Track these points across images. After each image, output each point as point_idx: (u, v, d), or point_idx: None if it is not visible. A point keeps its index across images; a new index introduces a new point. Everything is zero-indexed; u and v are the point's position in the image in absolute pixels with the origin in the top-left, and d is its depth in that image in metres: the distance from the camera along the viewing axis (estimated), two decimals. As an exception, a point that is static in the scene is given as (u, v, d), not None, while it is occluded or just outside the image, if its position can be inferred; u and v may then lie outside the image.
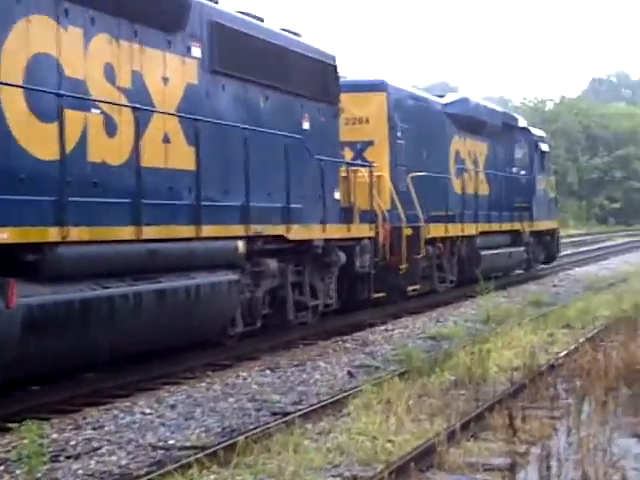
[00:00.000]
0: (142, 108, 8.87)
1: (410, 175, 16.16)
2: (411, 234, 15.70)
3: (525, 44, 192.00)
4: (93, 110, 8.41)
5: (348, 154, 15.10)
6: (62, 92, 7.88)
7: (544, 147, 24.22)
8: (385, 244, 14.88)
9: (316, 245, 12.18)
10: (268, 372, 9.94)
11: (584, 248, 35.25)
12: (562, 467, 5.74)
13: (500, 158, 21.70)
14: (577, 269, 25.42)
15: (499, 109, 22.99)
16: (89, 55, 8.43)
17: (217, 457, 6.14)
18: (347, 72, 16.80)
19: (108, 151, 8.57)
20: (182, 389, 8.96)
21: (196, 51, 9.99)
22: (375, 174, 14.58)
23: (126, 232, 8.53)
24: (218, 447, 6.36)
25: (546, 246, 24.19)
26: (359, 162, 14.78)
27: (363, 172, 14.26)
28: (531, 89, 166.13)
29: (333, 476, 5.95)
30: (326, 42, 16.85)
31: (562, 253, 27.10)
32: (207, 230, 9.73)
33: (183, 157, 9.62)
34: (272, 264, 11.20)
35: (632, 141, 62.01)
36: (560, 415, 7.33)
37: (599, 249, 35.05)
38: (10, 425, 6.81)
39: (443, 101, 18.95)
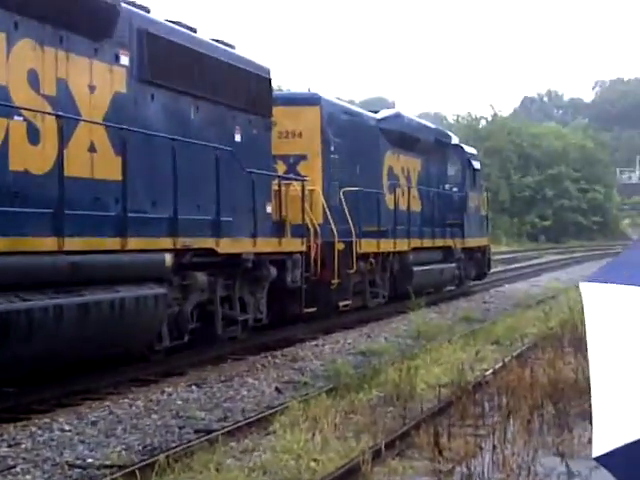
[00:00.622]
0: (67, 116, 8.64)
1: (343, 190, 16.13)
2: (343, 249, 15.65)
3: (461, 61, 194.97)
4: (16, 117, 8.16)
5: (281, 168, 15.01)
6: (-18, 98, 7.63)
7: (476, 165, 24.47)
8: (317, 259, 14.81)
9: (246, 259, 12.04)
10: (194, 388, 9.75)
11: (515, 265, 35.71)
12: (486, 487, 5.70)
13: (433, 175, 21.84)
14: (507, 286, 25.71)
15: (432, 126, 23.17)
16: (12, 60, 8.18)
17: (135, 477, 5.96)
18: (282, 85, 16.73)
19: (31, 160, 8.32)
20: (104, 405, 8.73)
21: (124, 59, 9.80)
22: (308, 188, 14.50)
23: (48, 243, 8.29)
24: (137, 466, 6.18)
25: (477, 263, 24.40)
26: (292, 176, 14.69)
27: (295, 186, 14.18)
28: (465, 106, 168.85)
29: (255, 496, 5.82)
30: (261, 55, 16.75)
31: (493, 270, 27.38)
32: (133, 242, 9.51)
33: (109, 167, 9.40)
34: (201, 278, 11.03)
35: (563, 160, 63.21)
36: (486, 433, 7.30)
37: (529, 266, 35.54)
38: None
39: (377, 116, 19.00)
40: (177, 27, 11.15)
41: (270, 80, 13.49)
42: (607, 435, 1.73)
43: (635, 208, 79.21)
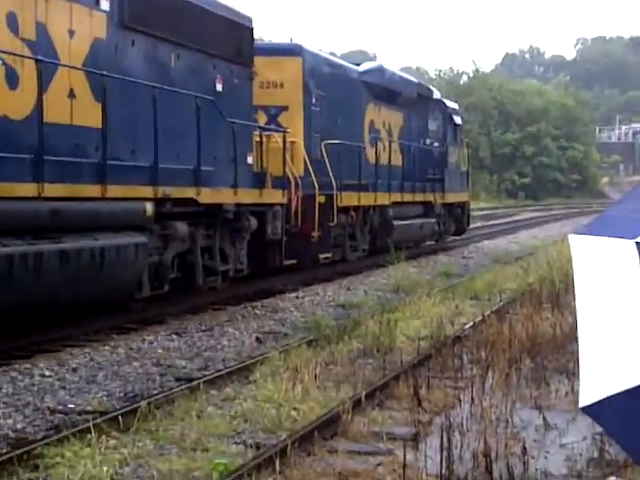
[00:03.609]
0: (46, 61, 8.48)
1: (324, 142, 16.04)
2: (324, 202, 15.61)
3: (443, 15, 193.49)
4: (-6, 61, 8.00)
5: (262, 119, 14.88)
6: (-40, 39, 7.47)
7: (457, 120, 24.40)
8: (297, 211, 14.77)
9: (227, 209, 11.98)
10: (175, 337, 9.76)
11: (494, 222, 35.85)
12: (464, 438, 5.75)
13: (414, 129, 21.76)
14: (486, 242, 25.82)
15: (414, 80, 23.03)
16: (-9, 2, 8.01)
17: (117, 422, 5.97)
18: (264, 36, 16.55)
19: (9, 104, 8.18)
20: (85, 352, 8.72)
21: (105, 4, 9.61)
22: (289, 140, 14.40)
23: (27, 189, 8.19)
24: (119, 412, 6.19)
25: (457, 218, 24.46)
26: (273, 127, 14.57)
27: (277, 137, 14.07)
28: (447, 61, 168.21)
29: (236, 443, 5.85)
30: (242, 4, 16.51)
31: (472, 226, 27.48)
32: (113, 190, 9.43)
33: (89, 114, 9.27)
34: (181, 227, 10.96)
35: (543, 118, 63.21)
36: (464, 386, 7.36)
37: (508, 223, 35.70)
38: None
39: (359, 69, 18.85)
40: (159, -28, 10.93)
41: (252, 29, 13.31)
42: (594, 386, 1.74)
43: (613, 167, 79.64)
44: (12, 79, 8.22)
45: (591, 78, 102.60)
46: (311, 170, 15.33)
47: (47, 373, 7.76)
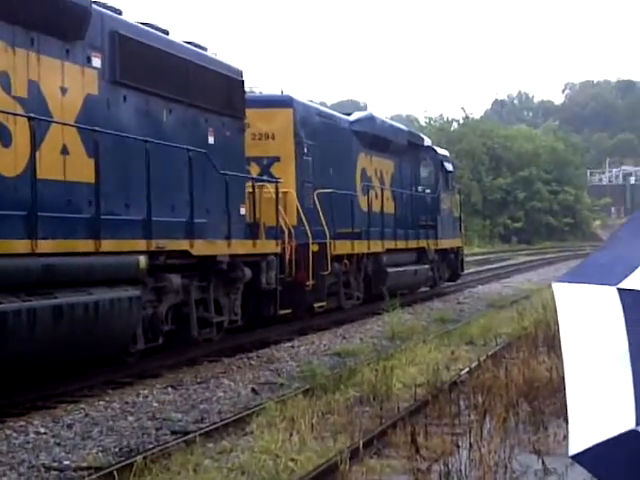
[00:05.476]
0: (39, 118, 8.57)
1: (316, 192, 16.14)
2: (317, 251, 15.65)
3: (432, 63, 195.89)
4: (-13, 119, 8.08)
5: (254, 170, 14.99)
6: (-47, 99, 7.55)
7: (449, 166, 24.56)
8: (291, 260, 14.81)
9: (221, 261, 12.00)
10: (170, 390, 9.71)
11: (488, 266, 35.90)
12: (463, 483, 5.72)
13: (406, 176, 21.91)
14: (480, 287, 25.83)
15: (405, 128, 23.25)
16: (-17, 62, 8.11)
17: (113, 478, 5.93)
18: (254, 87, 16.72)
19: (2, 162, 8.25)
20: (80, 408, 8.67)
21: (96, 61, 9.74)
22: (281, 190, 14.49)
23: (20, 245, 8.21)
24: (114, 467, 6.15)
25: (451, 264, 24.50)
26: (265, 178, 14.67)
27: (269, 188, 14.16)
28: (437, 108, 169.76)
29: (233, 497, 5.80)
30: (233, 57, 16.71)
31: (466, 271, 27.51)
32: (107, 245, 9.46)
33: (82, 169, 9.34)
34: (175, 280, 10.98)
35: (533, 162, 63.66)
36: (462, 432, 7.33)
37: (502, 267, 35.74)
38: None
39: (350, 119, 19.03)
40: (149, 29, 11.11)
41: (243, 82, 13.47)
42: (582, 433, 1.75)
43: (605, 209, 79.97)
44: (5, 136, 8.30)
45: (580, 122, 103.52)
46: (304, 219, 15.40)
47: (42, 430, 7.71)
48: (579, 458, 1.77)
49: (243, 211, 13.05)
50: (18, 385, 8.97)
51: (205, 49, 12.61)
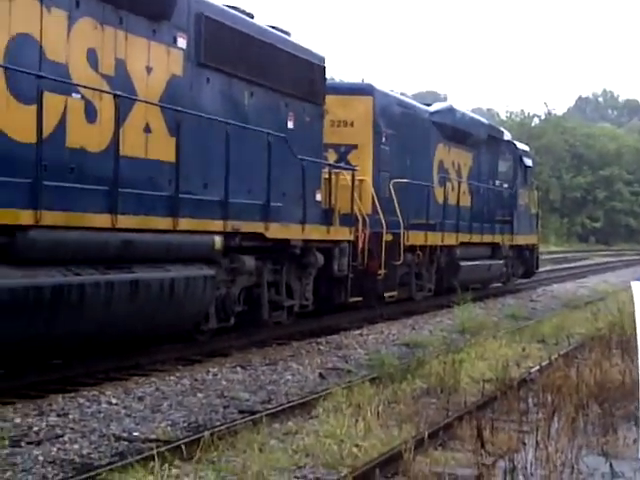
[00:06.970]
0: (124, 96, 8.73)
1: (393, 181, 16.09)
2: (391, 240, 15.62)
3: (515, 57, 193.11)
4: (74, 95, 8.25)
5: (331, 156, 15.01)
6: (43, 74, 7.73)
7: (528, 162, 24.24)
8: (364, 248, 14.80)
9: (294, 245, 12.07)
10: (239, 369, 9.83)
11: (564, 265, 35.35)
12: (528, 481, 5.66)
13: (484, 170, 21.68)
14: (555, 285, 25.46)
15: (485, 121, 22.98)
16: (72, 39, 8.27)
17: (180, 451, 6.04)
18: (335, 76, 16.74)
19: (87, 137, 8.42)
20: (151, 381, 8.86)
21: (182, 42, 9.86)
22: (357, 178, 14.48)
23: (101, 220, 8.39)
24: (182, 441, 6.26)
25: (525, 261, 24.20)
26: (342, 165, 14.68)
27: (345, 175, 14.16)
28: (518, 103, 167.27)
29: (297, 478, 5.87)
30: (315, 44, 16.76)
31: (541, 269, 27.13)
32: (184, 223, 9.60)
33: (163, 148, 9.49)
34: (249, 262, 11.08)
35: (616, 162, 62.38)
36: (529, 429, 7.25)
37: (578, 267, 35.15)
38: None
39: (430, 109, 18.90)
40: (234, 12, 11.19)
41: (324, 68, 13.49)
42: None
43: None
44: (90, 113, 8.47)
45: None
46: (379, 208, 15.38)
47: (114, 401, 7.90)
48: None
49: (319, 197, 13.10)
50: (93, 356, 9.19)
51: (289, 34, 12.65)
